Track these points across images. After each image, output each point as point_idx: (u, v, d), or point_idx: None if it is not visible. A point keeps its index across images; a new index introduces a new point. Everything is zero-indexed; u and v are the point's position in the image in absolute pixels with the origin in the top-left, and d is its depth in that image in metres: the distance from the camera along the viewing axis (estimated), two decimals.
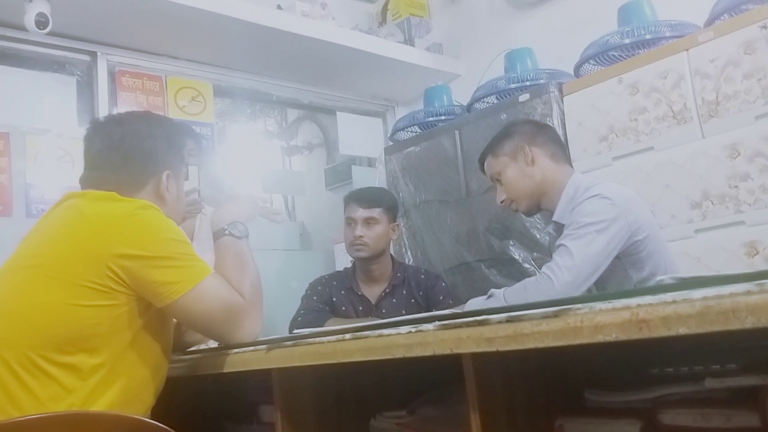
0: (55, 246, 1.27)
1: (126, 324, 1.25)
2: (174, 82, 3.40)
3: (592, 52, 2.82)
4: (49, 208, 1.40)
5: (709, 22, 2.54)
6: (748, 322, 0.59)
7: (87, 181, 1.42)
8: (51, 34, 2.86)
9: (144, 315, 1.29)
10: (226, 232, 1.49)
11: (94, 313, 1.21)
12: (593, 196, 1.80)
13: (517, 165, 1.98)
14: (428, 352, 0.89)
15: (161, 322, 1.35)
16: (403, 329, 0.94)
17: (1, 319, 1.24)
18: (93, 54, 3.19)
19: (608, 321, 0.70)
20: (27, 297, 1.23)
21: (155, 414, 1.35)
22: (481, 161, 2.11)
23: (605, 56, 2.79)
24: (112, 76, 3.23)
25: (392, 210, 2.57)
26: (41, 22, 2.74)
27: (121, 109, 3.14)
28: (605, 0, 3.09)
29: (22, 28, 2.78)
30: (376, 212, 2.49)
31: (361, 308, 2.50)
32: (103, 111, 3.09)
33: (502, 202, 2.04)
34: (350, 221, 2.50)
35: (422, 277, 2.57)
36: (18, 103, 2.85)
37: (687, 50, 2.46)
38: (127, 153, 1.42)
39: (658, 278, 0.86)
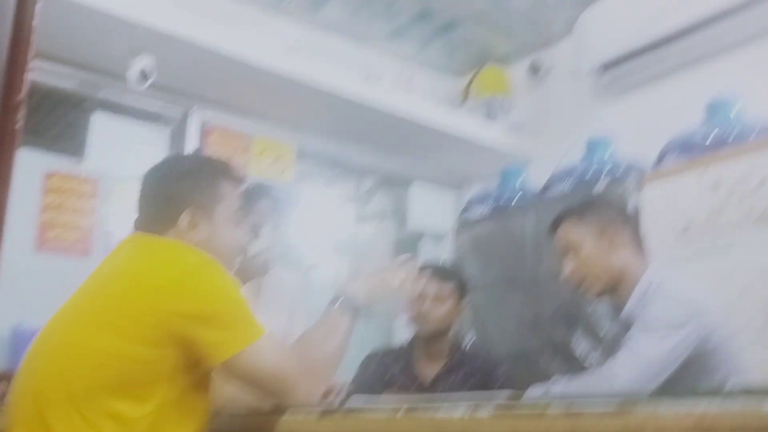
0: (112, 294, 1.29)
1: (173, 378, 1.25)
2: (259, 142, 3.53)
3: (674, 145, 2.78)
4: (110, 253, 1.44)
5: None
6: None
7: (134, 224, 1.47)
8: (150, 87, 3.04)
9: (191, 372, 1.29)
10: (335, 304, 1.43)
11: (142, 363, 1.22)
12: (666, 296, 1.74)
13: (600, 244, 1.86)
14: None
15: (206, 380, 1.36)
16: (457, 414, 0.92)
17: (53, 362, 1.26)
18: (187, 109, 3.35)
19: (671, 425, 0.67)
20: (79, 341, 1.25)
21: None
22: (557, 224, 1.96)
23: (688, 150, 2.75)
24: (203, 132, 3.38)
25: (462, 290, 2.51)
26: (144, 76, 2.92)
27: None
28: (692, 93, 3.07)
29: (125, 80, 2.96)
30: (446, 290, 2.45)
31: (415, 386, 2.45)
32: None
33: (568, 276, 1.90)
34: (420, 294, 2.47)
35: (481, 361, 2.50)
36: (112, 151, 3.01)
37: None
38: (149, 199, 1.46)
39: (729, 385, 0.82)
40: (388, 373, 2.47)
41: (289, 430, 1.26)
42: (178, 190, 1.44)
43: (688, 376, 1.71)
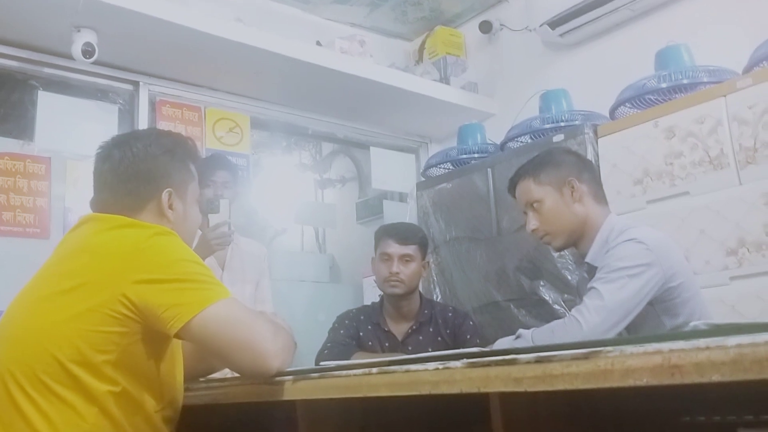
0: (71, 272, 1.26)
1: (138, 352, 1.24)
2: (212, 113, 3.47)
3: (628, 95, 2.82)
4: (68, 232, 1.41)
5: (748, 69, 2.52)
6: None
7: (95, 204, 1.42)
8: (96, 63, 2.95)
9: (158, 345, 1.27)
10: None
11: (106, 339, 1.20)
12: (628, 240, 1.77)
13: (561, 198, 1.88)
14: (455, 390, 0.88)
15: (176, 352, 1.35)
16: (431, 366, 0.93)
17: (16, 342, 1.24)
18: (135, 83, 3.27)
19: (639, 365, 0.68)
20: (41, 321, 1.23)
21: None
22: (515, 182, 1.99)
23: (641, 99, 2.79)
24: (153, 106, 3.31)
25: (425, 247, 2.57)
26: (88, 51, 2.83)
27: None
28: (642, 44, 3.10)
29: (69, 57, 2.87)
30: (411, 249, 2.48)
31: (387, 344, 2.49)
32: None
33: (533, 231, 1.94)
34: (386, 257, 2.49)
35: (450, 315, 2.55)
36: (61, 129, 2.93)
37: (725, 96, 2.45)
38: (125, 175, 1.39)
39: (692, 324, 0.84)
40: (361, 331, 2.50)
41: (264, 394, 1.26)
42: (157, 168, 1.41)
43: (654, 317, 1.76)
